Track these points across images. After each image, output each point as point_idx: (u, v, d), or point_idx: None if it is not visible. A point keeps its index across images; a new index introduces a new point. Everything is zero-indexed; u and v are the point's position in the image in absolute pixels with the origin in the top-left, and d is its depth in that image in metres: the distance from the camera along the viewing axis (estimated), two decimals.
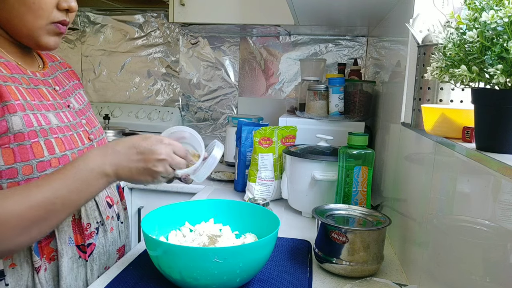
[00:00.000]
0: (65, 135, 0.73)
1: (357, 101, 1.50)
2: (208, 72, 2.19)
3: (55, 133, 0.71)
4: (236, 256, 0.68)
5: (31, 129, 0.67)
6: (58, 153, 0.70)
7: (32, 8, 0.67)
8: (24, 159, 0.66)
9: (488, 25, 0.46)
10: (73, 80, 0.89)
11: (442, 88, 0.75)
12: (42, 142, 0.68)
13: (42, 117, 0.70)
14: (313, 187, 1.16)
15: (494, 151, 0.50)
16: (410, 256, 0.83)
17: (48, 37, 0.71)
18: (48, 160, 0.68)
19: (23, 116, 0.67)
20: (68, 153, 0.72)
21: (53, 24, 0.70)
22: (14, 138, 0.65)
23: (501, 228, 0.44)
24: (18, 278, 0.69)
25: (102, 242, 0.81)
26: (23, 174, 0.66)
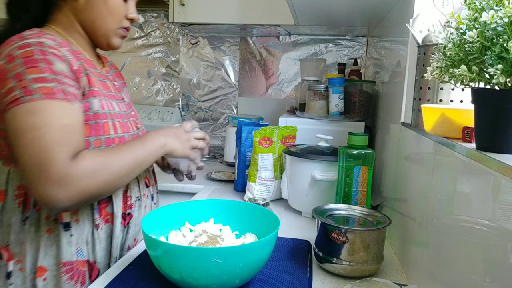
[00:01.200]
0: (123, 120, 0.90)
1: (357, 101, 1.50)
2: (208, 72, 2.19)
3: (118, 118, 0.88)
4: (236, 256, 0.68)
5: (104, 112, 0.84)
6: (120, 133, 0.87)
7: (112, 13, 0.86)
8: (96, 134, 0.82)
9: (488, 25, 0.46)
10: (120, 79, 1.05)
11: (442, 88, 0.75)
12: (110, 123, 0.85)
13: (109, 104, 0.87)
14: (313, 187, 1.16)
15: (494, 151, 0.50)
16: (410, 256, 0.83)
17: (116, 39, 0.90)
18: (113, 138, 0.85)
19: (100, 100, 0.84)
20: (125, 135, 0.89)
21: (121, 28, 0.90)
22: (93, 117, 0.82)
23: (501, 228, 0.44)
24: (80, 232, 0.83)
25: (137, 216, 0.93)
26: (94, 146, 0.81)
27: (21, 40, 0.75)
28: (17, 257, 0.81)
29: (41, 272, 0.80)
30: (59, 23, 0.86)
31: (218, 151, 2.19)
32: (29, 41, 0.75)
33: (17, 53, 0.73)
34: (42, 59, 0.73)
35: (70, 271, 0.81)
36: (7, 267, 0.81)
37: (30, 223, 0.80)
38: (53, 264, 0.81)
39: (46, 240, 0.80)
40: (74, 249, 0.81)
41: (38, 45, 0.74)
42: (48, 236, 0.81)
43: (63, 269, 0.81)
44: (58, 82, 0.74)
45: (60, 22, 0.86)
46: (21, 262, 0.80)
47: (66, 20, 0.86)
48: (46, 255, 0.80)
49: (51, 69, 0.73)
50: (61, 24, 0.86)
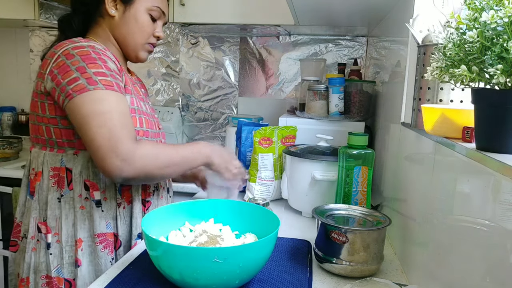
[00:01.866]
0: (148, 118, 1.00)
1: (357, 101, 1.50)
2: (208, 72, 2.19)
3: (144, 115, 0.98)
4: (236, 256, 0.68)
5: (132, 107, 0.94)
6: (144, 127, 0.97)
7: (141, 30, 0.99)
8: None
9: (488, 25, 0.46)
10: (144, 89, 1.16)
11: (442, 88, 0.75)
12: (137, 117, 0.95)
13: (138, 102, 0.98)
14: (313, 187, 1.16)
15: (494, 151, 0.50)
16: (410, 256, 0.83)
17: (144, 52, 1.03)
18: (138, 130, 0.94)
19: (130, 97, 0.95)
20: (149, 130, 0.98)
21: (148, 44, 1.02)
22: None
23: (501, 228, 0.44)
24: (108, 208, 0.94)
25: (155, 204, 1.04)
26: None
27: (73, 43, 0.88)
28: (54, 231, 0.92)
29: (79, 243, 0.92)
30: (98, 36, 0.99)
31: None
32: (81, 43, 0.88)
33: (74, 52, 0.86)
34: (98, 58, 0.87)
35: (103, 241, 0.93)
36: (46, 239, 0.91)
37: (65, 200, 0.92)
38: (88, 236, 0.93)
39: (80, 215, 0.92)
40: (104, 223, 0.93)
41: (90, 48, 0.88)
42: (82, 212, 0.92)
43: (98, 239, 0.93)
44: (113, 77, 0.87)
45: (99, 35, 0.99)
46: (58, 235, 0.92)
47: (103, 33, 0.99)
48: (82, 229, 0.92)
49: (107, 66, 0.87)
50: (99, 37, 0.99)
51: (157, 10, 1.00)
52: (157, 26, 1.02)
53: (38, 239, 0.92)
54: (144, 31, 1.00)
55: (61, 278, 0.92)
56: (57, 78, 0.85)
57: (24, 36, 2.36)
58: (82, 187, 0.92)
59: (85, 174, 0.92)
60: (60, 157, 0.91)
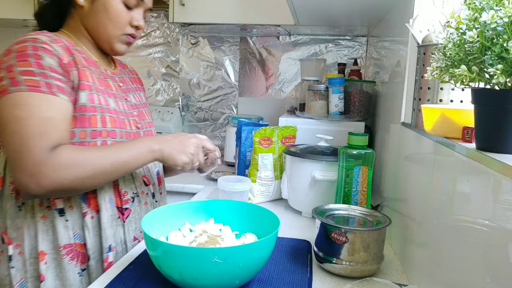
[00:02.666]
0: (118, 117, 0.91)
1: (357, 101, 1.50)
2: (208, 72, 2.19)
3: (111, 113, 0.90)
4: (236, 256, 0.68)
5: (92, 105, 0.86)
6: (109, 127, 0.88)
7: (112, 20, 0.90)
8: (81, 126, 0.84)
9: (488, 25, 0.46)
10: (136, 84, 1.10)
11: (442, 88, 0.75)
12: (99, 116, 0.87)
13: (103, 99, 0.89)
14: (313, 187, 1.16)
15: (494, 151, 0.50)
16: (410, 256, 0.83)
17: (120, 45, 0.94)
18: (100, 130, 0.86)
19: (88, 95, 0.86)
20: (117, 130, 0.90)
21: (125, 35, 0.93)
22: (79, 109, 0.84)
23: (501, 228, 0.44)
24: (74, 218, 0.86)
25: (137, 210, 0.96)
26: (79, 137, 0.84)
27: (22, 37, 0.82)
28: (15, 242, 0.86)
29: (42, 256, 0.85)
30: (70, 28, 0.93)
31: None
32: (26, 37, 0.82)
33: (14, 48, 0.80)
34: (33, 54, 0.79)
35: (70, 252, 0.86)
36: (8, 250, 0.86)
37: (25, 209, 0.85)
38: (52, 248, 0.85)
39: (42, 226, 0.85)
40: (72, 233, 0.86)
41: (32, 41, 0.80)
42: (43, 222, 0.85)
43: (64, 251, 0.85)
44: (44, 76, 0.79)
45: (71, 27, 0.93)
46: (20, 247, 0.85)
47: (75, 25, 0.93)
48: (44, 240, 0.85)
49: (39, 64, 0.79)
50: (72, 29, 0.93)
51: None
52: (135, 14, 0.93)
53: (3, 250, 0.87)
54: (117, 22, 0.90)
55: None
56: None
57: None
58: None
59: None
60: None
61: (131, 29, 0.93)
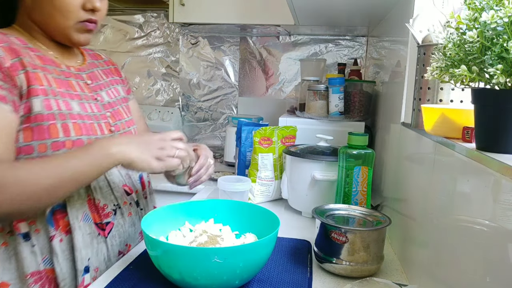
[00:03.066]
0: (84, 122, 0.80)
1: (357, 101, 1.50)
2: (208, 72, 2.19)
3: (74, 119, 0.78)
4: (236, 256, 0.68)
5: (50, 112, 0.75)
6: (74, 136, 0.77)
7: (59, 10, 0.77)
8: (40, 138, 0.74)
9: (488, 25, 0.46)
10: (112, 76, 0.97)
11: (442, 88, 0.75)
12: (59, 125, 0.75)
13: (64, 103, 0.78)
14: (313, 187, 1.16)
15: (494, 151, 0.50)
16: (410, 256, 0.83)
17: (78, 34, 0.82)
18: (63, 141, 0.75)
19: (43, 100, 0.74)
20: (84, 138, 0.79)
21: (81, 23, 0.80)
22: (34, 118, 0.73)
23: (501, 228, 0.44)
24: (42, 242, 0.77)
25: (121, 223, 0.88)
26: (38, 151, 0.73)
27: None
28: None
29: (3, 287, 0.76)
30: (21, 24, 0.83)
31: (218, 151, 2.19)
32: None
33: None
34: None
35: (39, 280, 0.77)
36: None
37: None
38: (15, 277, 0.76)
39: (3, 254, 0.76)
40: (40, 259, 0.77)
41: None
42: (5, 250, 0.76)
43: (31, 279, 0.76)
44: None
45: (22, 22, 0.83)
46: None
47: (24, 20, 0.82)
48: (6, 270, 0.76)
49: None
50: (22, 24, 0.82)
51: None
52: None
53: None
54: (66, 10, 0.77)
55: None
56: None
57: None
58: None
59: None
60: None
61: (85, 14, 0.80)
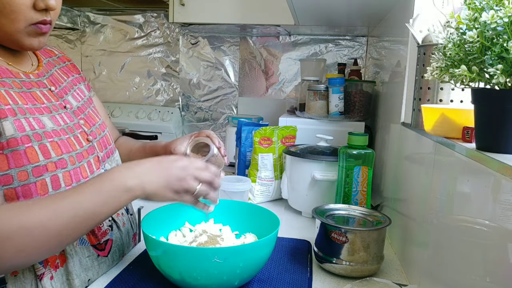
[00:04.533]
0: (61, 138, 0.71)
1: (357, 101, 1.50)
2: (208, 72, 2.19)
3: (50, 137, 0.69)
4: (236, 256, 0.68)
5: (24, 134, 0.65)
6: (55, 157, 0.68)
7: (4, 13, 0.64)
8: (18, 165, 0.64)
9: (488, 25, 0.46)
10: (72, 75, 0.87)
11: (442, 88, 0.75)
12: (37, 147, 0.66)
13: (35, 121, 0.68)
14: (313, 187, 1.16)
15: (494, 151, 0.50)
16: (410, 256, 0.83)
17: (31, 39, 0.69)
18: (44, 164, 0.66)
19: (14, 121, 0.64)
20: (65, 156, 0.70)
21: (33, 25, 0.67)
22: (7, 144, 0.63)
23: (501, 228, 0.44)
24: (20, 287, 0.67)
25: (118, 236, 0.84)
26: (19, 180, 0.64)
27: None
28: None
29: None
30: None
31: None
32: None
33: None
34: None
35: None
36: None
37: None
38: None
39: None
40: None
41: None
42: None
43: None
44: None
45: None
46: None
47: None
48: None
49: None
50: None
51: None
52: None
53: None
54: (11, 12, 0.64)
55: None
56: None
57: None
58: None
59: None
60: None
61: (38, 15, 0.67)
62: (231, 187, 1.08)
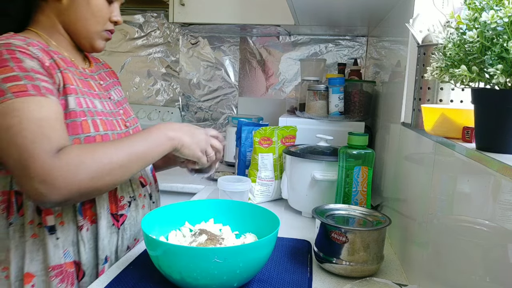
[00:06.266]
0: (107, 118, 0.87)
1: (357, 101, 1.50)
2: (208, 72, 2.19)
3: (100, 115, 0.85)
4: (236, 256, 0.68)
5: (81, 109, 0.81)
6: (102, 131, 0.84)
7: (95, 15, 0.86)
8: (74, 133, 0.79)
9: (488, 25, 0.46)
10: (113, 78, 1.05)
11: (442, 88, 0.75)
12: (90, 121, 0.82)
13: (90, 101, 0.85)
14: (313, 187, 1.16)
15: (494, 151, 0.50)
16: (410, 256, 0.83)
17: (100, 41, 0.90)
18: (94, 136, 0.81)
19: (75, 98, 0.81)
20: (109, 133, 0.85)
21: (105, 31, 0.89)
22: (69, 115, 0.79)
23: (501, 228, 0.44)
24: (66, 234, 0.81)
25: (134, 215, 0.93)
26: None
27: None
28: (2, 265, 0.80)
29: (28, 278, 0.79)
30: (40, 25, 0.85)
31: None
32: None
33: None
34: (11, 58, 0.73)
35: (60, 274, 0.80)
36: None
37: (14, 229, 0.79)
38: (41, 269, 0.80)
39: (31, 246, 0.79)
40: (62, 252, 0.81)
41: (5, 46, 0.74)
42: (33, 241, 0.80)
43: (53, 273, 0.80)
44: (29, 78, 0.72)
45: (42, 23, 0.85)
46: (7, 270, 0.80)
47: (47, 21, 0.85)
48: (33, 261, 0.80)
49: (21, 67, 0.73)
50: (42, 25, 0.85)
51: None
52: (114, 9, 0.89)
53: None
54: (99, 17, 0.86)
55: None
56: None
57: None
58: (34, 212, 0.79)
59: None
60: (8, 179, 0.79)
61: (110, 24, 0.90)
62: (231, 187, 1.08)
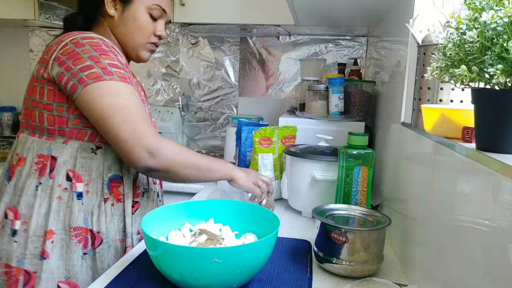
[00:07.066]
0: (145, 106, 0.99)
1: (357, 101, 1.50)
2: (208, 72, 2.19)
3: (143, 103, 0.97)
4: (236, 256, 0.68)
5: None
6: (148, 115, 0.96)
7: (140, 29, 0.99)
8: None
9: (488, 25, 0.46)
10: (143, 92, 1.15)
11: (442, 88, 0.75)
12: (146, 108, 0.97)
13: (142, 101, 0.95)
14: (313, 187, 1.16)
15: (494, 151, 0.50)
16: (410, 256, 0.83)
17: (145, 52, 1.03)
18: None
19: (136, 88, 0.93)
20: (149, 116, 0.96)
21: (150, 43, 1.02)
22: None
23: (501, 228, 0.44)
24: (88, 202, 0.91)
25: (145, 205, 1.02)
26: None
27: (81, 33, 0.89)
28: (23, 219, 0.89)
29: (50, 235, 0.88)
30: (99, 32, 0.98)
31: (218, 151, 2.19)
32: (91, 34, 0.89)
33: (84, 42, 0.87)
34: (109, 50, 0.88)
35: (79, 235, 0.90)
36: (12, 225, 0.89)
37: (42, 189, 0.89)
38: (61, 228, 0.89)
39: (55, 206, 0.88)
40: (82, 217, 0.90)
41: (100, 40, 0.89)
42: (58, 202, 0.89)
43: (74, 233, 0.89)
44: (125, 70, 0.89)
45: (100, 33, 0.97)
46: (27, 224, 0.88)
47: (105, 33, 0.99)
48: (55, 220, 0.88)
49: (118, 60, 0.89)
50: (99, 33, 0.98)
51: (157, 9, 0.99)
52: (158, 25, 1.02)
53: (4, 225, 0.90)
54: (144, 31, 0.99)
55: (20, 269, 0.87)
56: (67, 63, 0.84)
57: (24, 36, 2.35)
58: (63, 177, 0.89)
59: (70, 164, 0.89)
60: (48, 144, 0.89)
61: (155, 38, 1.02)
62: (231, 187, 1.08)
